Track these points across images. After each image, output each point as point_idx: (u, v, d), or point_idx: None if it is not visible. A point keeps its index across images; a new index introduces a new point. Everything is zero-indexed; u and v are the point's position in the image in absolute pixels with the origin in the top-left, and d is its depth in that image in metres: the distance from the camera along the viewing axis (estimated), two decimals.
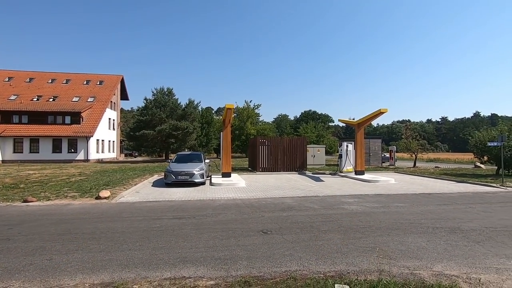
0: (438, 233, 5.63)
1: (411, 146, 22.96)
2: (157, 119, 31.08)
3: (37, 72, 40.30)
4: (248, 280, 3.55)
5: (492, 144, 14.23)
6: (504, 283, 3.57)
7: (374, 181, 13.69)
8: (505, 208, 8.04)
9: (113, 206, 8.34)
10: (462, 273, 3.86)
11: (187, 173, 12.01)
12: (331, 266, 4.07)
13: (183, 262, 4.15)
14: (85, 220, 6.65)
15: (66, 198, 9.40)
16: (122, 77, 43.11)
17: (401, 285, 3.41)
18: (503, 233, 5.63)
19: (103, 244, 4.92)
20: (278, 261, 4.21)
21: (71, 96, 36.58)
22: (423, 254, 4.51)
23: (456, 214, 7.30)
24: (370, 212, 7.47)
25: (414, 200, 9.38)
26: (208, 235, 5.47)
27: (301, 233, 5.58)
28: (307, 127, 47.56)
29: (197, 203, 8.72)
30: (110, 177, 14.79)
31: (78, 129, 31.86)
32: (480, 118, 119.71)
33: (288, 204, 8.64)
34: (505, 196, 10.22)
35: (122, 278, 3.65)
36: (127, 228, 5.93)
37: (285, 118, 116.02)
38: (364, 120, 15.97)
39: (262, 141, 19.12)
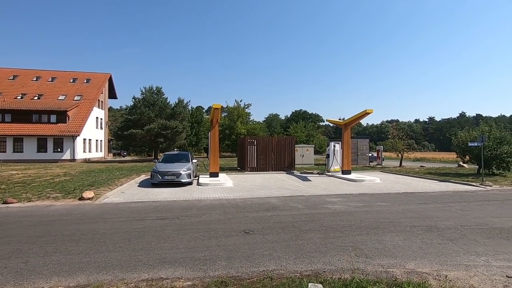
0: (415, 231, 5.80)
1: (397, 146, 23.41)
2: (145, 118, 30.74)
3: (21, 69, 39.27)
4: (225, 280, 3.60)
5: (473, 144, 14.67)
6: (471, 279, 3.72)
7: (360, 181, 13.92)
8: (482, 207, 8.32)
9: (96, 207, 8.25)
10: (433, 270, 4.00)
11: (174, 173, 11.95)
12: (308, 265, 4.15)
13: (162, 263, 4.17)
14: (66, 221, 6.56)
15: (48, 199, 9.24)
16: (110, 75, 42.46)
17: (374, 283, 3.51)
18: (476, 231, 5.84)
19: (82, 246, 4.88)
20: (257, 261, 4.27)
21: (57, 94, 35.81)
22: (398, 252, 4.65)
23: (434, 212, 7.51)
24: (353, 212, 7.62)
25: (397, 199, 9.60)
26: (190, 235, 5.49)
27: (282, 233, 5.66)
28: (297, 126, 47.86)
29: (183, 204, 8.71)
30: (95, 177, 14.58)
31: (64, 128, 31.20)
32: (465, 118, 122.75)
33: (273, 204, 8.72)
34: (483, 195, 10.56)
35: (99, 280, 3.64)
36: (109, 229, 5.89)
37: (276, 117, 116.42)
38: (351, 121, 16.20)
39: (250, 141, 19.17)
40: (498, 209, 7.96)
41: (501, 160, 15.85)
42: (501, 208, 8.11)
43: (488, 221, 6.63)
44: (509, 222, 6.48)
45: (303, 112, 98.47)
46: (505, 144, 15.74)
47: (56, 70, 40.59)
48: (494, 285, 3.58)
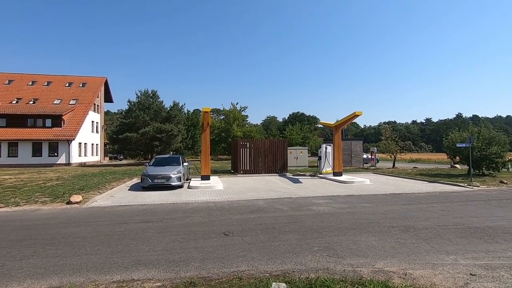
0: (392, 231, 5.90)
1: (390, 148, 23.56)
2: (140, 122, 30.79)
3: (16, 74, 39.29)
4: (194, 281, 3.69)
5: (461, 145, 14.83)
6: (434, 278, 3.83)
7: (349, 182, 14.03)
8: (464, 207, 8.44)
9: (82, 211, 8.31)
10: (400, 269, 4.10)
11: (164, 177, 12.03)
12: (279, 265, 4.24)
13: (136, 265, 4.25)
14: (49, 225, 6.63)
15: (36, 203, 9.29)
16: (106, 79, 42.52)
17: (338, 282, 3.61)
18: (452, 230, 5.95)
19: (61, 249, 4.96)
20: (230, 262, 4.36)
21: (52, 98, 35.84)
22: (370, 252, 4.75)
23: (416, 213, 7.63)
24: (335, 213, 7.72)
25: (382, 200, 9.71)
26: (170, 238, 5.57)
27: (261, 235, 5.75)
28: (293, 129, 48.03)
29: (169, 207, 8.79)
30: (87, 181, 14.62)
31: (59, 132, 31.21)
32: (462, 119, 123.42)
33: (259, 206, 8.81)
34: (468, 195, 10.69)
35: (71, 282, 3.72)
36: (90, 232, 5.96)
37: (273, 120, 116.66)
38: (341, 123, 16.35)
39: (243, 143, 19.27)
40: (479, 209, 8.08)
41: (490, 161, 16.01)
42: (482, 208, 8.23)
43: (466, 220, 6.75)
44: (486, 222, 6.60)
45: (301, 115, 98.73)
46: (494, 145, 15.91)
47: (51, 74, 40.65)
48: (456, 282, 3.68)
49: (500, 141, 16.24)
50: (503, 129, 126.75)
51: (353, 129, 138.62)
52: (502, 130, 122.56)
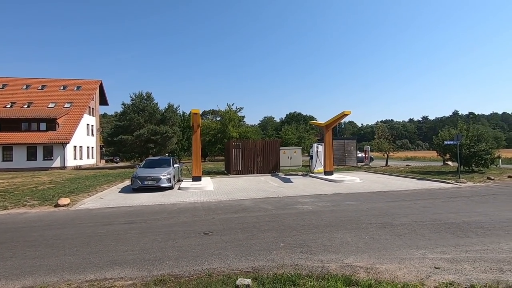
0: (369, 228, 6.03)
1: (383, 146, 23.73)
2: (135, 124, 30.87)
3: (10, 78, 39.25)
4: (164, 279, 3.79)
5: (449, 143, 15.00)
6: (398, 271, 3.95)
7: (339, 181, 14.16)
8: (445, 203, 8.57)
9: (69, 213, 8.39)
10: (368, 264, 4.22)
11: (154, 178, 12.11)
12: (251, 262, 4.35)
13: (111, 265, 4.35)
14: (34, 228, 6.71)
15: (25, 206, 9.37)
16: (101, 82, 42.51)
17: (303, 277, 3.72)
18: (428, 226, 6.08)
19: (40, 250, 5.05)
20: (204, 260, 4.46)
21: (46, 102, 35.84)
22: (343, 248, 4.87)
23: (397, 210, 7.76)
24: (319, 211, 7.84)
25: (368, 198, 9.84)
26: (150, 238, 5.67)
27: (240, 233, 5.86)
28: (288, 129, 48.15)
29: (156, 208, 8.88)
30: (79, 184, 14.68)
31: (53, 136, 31.21)
32: (458, 117, 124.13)
33: (245, 205, 8.92)
34: (454, 191, 10.84)
35: (44, 282, 3.82)
36: (73, 234, 6.05)
37: (271, 120, 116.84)
38: (331, 122, 16.49)
39: (235, 144, 19.38)
40: (460, 205, 8.22)
41: (479, 158, 16.19)
42: (463, 204, 8.37)
43: (444, 216, 6.88)
44: (463, 217, 6.73)
45: (298, 114, 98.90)
46: (483, 142, 16.10)
47: (46, 78, 40.58)
48: (418, 275, 3.80)
49: (488, 138, 16.43)
50: (499, 126, 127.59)
51: (350, 128, 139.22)
52: (498, 127, 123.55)
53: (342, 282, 3.50)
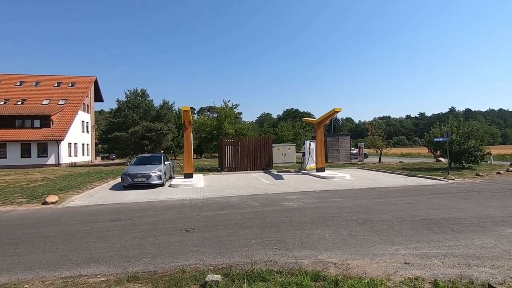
0: (349, 225, 6.11)
1: (376, 143, 23.85)
2: (130, 121, 30.78)
3: (4, 74, 38.93)
4: (137, 275, 3.85)
5: (438, 139, 15.11)
6: (369, 267, 4.03)
7: (330, 178, 14.26)
8: (430, 200, 8.69)
9: (56, 211, 8.43)
10: (340, 260, 4.30)
11: (144, 175, 12.15)
12: (227, 259, 4.42)
13: (88, 262, 4.41)
14: (18, 226, 6.76)
15: (13, 204, 9.39)
16: (96, 79, 42.29)
17: (273, 273, 3.79)
18: (407, 222, 6.17)
19: (20, 248, 5.10)
20: (181, 257, 4.53)
21: (40, 99, 35.61)
22: (319, 245, 4.95)
23: (381, 206, 7.85)
24: (303, 208, 7.92)
25: (355, 194, 9.93)
26: (131, 235, 5.73)
27: (221, 230, 5.93)
28: (284, 125, 48.23)
29: (143, 205, 8.93)
30: (70, 181, 14.69)
31: (48, 133, 31.08)
32: (455, 113, 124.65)
33: (232, 202, 8.99)
34: (441, 188, 10.97)
35: (20, 279, 3.87)
36: (55, 232, 6.10)
37: (268, 116, 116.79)
38: (322, 119, 16.54)
39: (228, 141, 19.43)
40: (443, 201, 8.33)
41: (469, 154, 16.33)
42: (447, 200, 8.48)
43: (425, 213, 6.98)
44: (443, 214, 6.84)
45: (295, 111, 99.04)
46: (473, 139, 16.23)
47: (40, 74, 40.33)
48: (386, 271, 3.89)
49: (479, 135, 16.56)
50: (495, 122, 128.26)
51: (348, 124, 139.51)
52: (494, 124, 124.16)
53: (310, 278, 3.58)
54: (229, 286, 3.47)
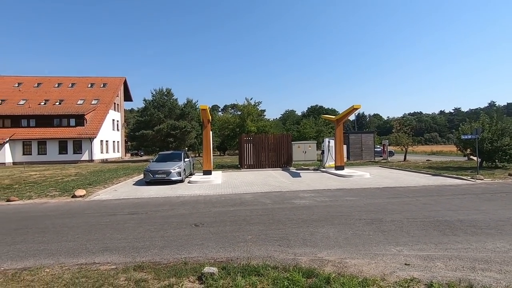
0: (356, 224, 6.06)
1: (401, 140, 22.90)
2: (155, 119, 32.08)
3: (44, 77, 42.16)
4: (143, 265, 4.15)
5: (466, 137, 14.25)
6: (366, 266, 4.02)
7: (348, 176, 14.02)
8: (450, 200, 8.30)
9: (83, 204, 9.13)
10: (339, 258, 4.32)
11: (164, 172, 12.72)
12: (228, 253, 4.61)
13: (102, 251, 4.80)
14: (48, 216, 7.43)
15: (46, 197, 10.29)
16: (125, 79, 44.48)
17: (269, 268, 3.91)
18: (418, 223, 5.99)
19: (47, 237, 5.64)
20: (185, 250, 4.79)
21: (76, 99, 38.15)
22: (321, 243, 4.99)
23: (395, 206, 7.65)
24: (313, 206, 7.92)
25: (370, 193, 9.73)
26: (144, 228, 6.11)
27: (228, 226, 6.14)
28: (306, 123, 47.62)
29: (161, 200, 9.39)
30: (99, 177, 15.72)
31: (82, 131, 33.31)
32: (495, 108, 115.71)
33: (245, 199, 9.19)
34: (466, 188, 10.39)
35: (42, 264, 4.32)
36: (79, 223, 6.65)
37: (292, 114, 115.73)
38: (341, 116, 16.23)
39: (247, 139, 19.67)
40: (464, 202, 7.93)
41: (503, 153, 15.26)
42: (468, 201, 8.06)
43: (440, 214, 6.71)
44: (460, 215, 6.54)
45: (319, 108, 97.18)
46: (507, 136, 15.11)
47: (75, 76, 43.24)
48: (383, 271, 3.86)
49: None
50: None
51: (375, 121, 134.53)
52: None
53: (302, 274, 3.66)
54: (224, 278, 3.65)
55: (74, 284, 3.62)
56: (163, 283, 3.61)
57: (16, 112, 34.03)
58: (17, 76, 42.10)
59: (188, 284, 3.58)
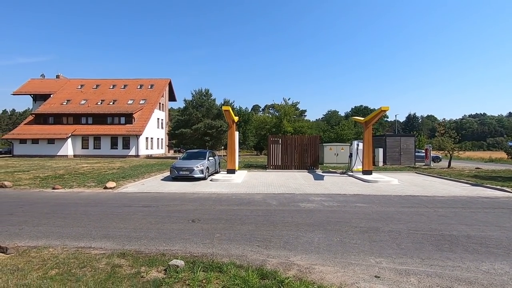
0: (348, 231, 5.87)
1: (445, 145, 20.88)
2: (194, 119, 33.79)
3: (102, 79, 46.98)
4: (126, 253, 4.62)
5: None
6: (331, 274, 3.96)
7: (373, 182, 13.34)
8: (472, 214, 7.48)
9: (110, 195, 10.17)
10: (309, 264, 4.31)
11: (188, 169, 13.48)
12: (207, 249, 4.88)
13: (101, 238, 5.42)
14: (76, 204, 8.48)
15: (84, 187, 11.65)
16: (170, 81, 47.51)
17: (231, 266, 4.08)
18: (417, 236, 5.60)
19: (65, 221, 6.50)
20: (172, 242, 5.17)
21: (127, 99, 41.85)
22: (301, 247, 4.98)
23: (403, 216, 7.19)
24: (317, 210, 7.80)
25: (386, 201, 9.20)
26: (147, 220, 6.67)
27: (222, 224, 6.40)
28: (345, 124, 45.74)
29: (177, 195, 10.03)
30: (136, 171, 17.19)
31: (130, 129, 36.49)
32: None
33: (253, 199, 9.37)
34: (500, 202, 9.23)
35: (50, 244, 5.05)
36: (97, 211, 7.50)
37: (335, 114, 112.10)
38: (370, 118, 15.43)
39: (274, 139, 19.75)
40: (488, 217, 7.11)
41: None
42: (494, 216, 7.20)
43: (450, 227, 6.16)
44: (473, 231, 5.93)
45: (364, 108, 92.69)
46: None
47: (127, 78, 47.32)
48: (345, 280, 3.78)
49: None
50: None
51: (429, 122, 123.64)
52: None
53: (257, 275, 3.77)
54: (186, 271, 3.92)
55: (64, 263, 4.21)
56: (134, 270, 4.01)
57: (77, 111, 38.55)
58: (80, 79, 47.60)
59: (154, 274, 3.93)
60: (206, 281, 3.67)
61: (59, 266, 4.11)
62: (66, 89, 43.84)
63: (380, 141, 25.08)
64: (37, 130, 36.46)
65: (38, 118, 38.54)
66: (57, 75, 48.02)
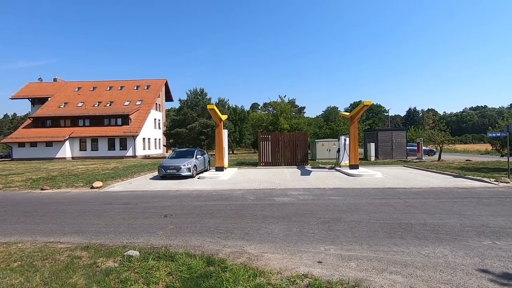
0: (311, 222, 6.10)
1: (435, 138, 20.99)
2: (189, 118, 34.02)
3: (98, 81, 47.32)
4: (90, 246, 4.88)
5: (493, 134, 12.68)
6: (276, 261, 4.18)
7: (357, 176, 13.53)
8: (441, 203, 7.66)
9: (94, 194, 10.45)
10: (260, 252, 4.54)
11: (175, 167, 13.74)
12: (167, 241, 5.12)
13: (72, 233, 5.68)
14: (58, 203, 8.76)
15: (72, 187, 11.95)
16: (166, 81, 47.76)
17: (185, 255, 4.32)
18: (375, 225, 5.81)
19: (43, 219, 6.78)
20: (137, 236, 5.43)
21: (123, 100, 42.17)
22: (259, 237, 5.21)
23: (371, 207, 7.39)
24: (289, 204, 8.02)
25: (362, 193, 9.40)
26: (121, 216, 6.93)
27: (192, 218, 6.65)
28: (340, 120, 45.80)
29: (159, 193, 10.29)
30: (127, 171, 17.48)
31: (127, 130, 36.83)
32: None
33: (232, 195, 9.60)
34: (480, 192, 9.38)
35: (21, 240, 5.32)
36: (76, 210, 7.77)
37: (334, 110, 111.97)
38: (354, 114, 15.59)
39: (263, 136, 19.95)
40: (455, 206, 7.30)
41: None
42: (461, 205, 7.38)
43: (411, 217, 6.36)
44: (432, 219, 6.13)
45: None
46: None
47: (124, 80, 47.62)
48: (286, 266, 4.00)
49: None
50: None
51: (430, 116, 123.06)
52: None
53: (204, 262, 4.01)
54: (140, 261, 4.16)
55: (28, 256, 4.47)
56: (91, 260, 4.26)
57: (74, 113, 38.94)
58: (77, 82, 47.98)
59: (109, 264, 4.18)
60: (155, 269, 3.91)
61: (23, 259, 4.37)
62: (63, 92, 44.24)
63: (372, 136, 25.22)
64: (35, 134, 36.90)
65: (36, 121, 38.98)
66: (55, 78, 48.46)
